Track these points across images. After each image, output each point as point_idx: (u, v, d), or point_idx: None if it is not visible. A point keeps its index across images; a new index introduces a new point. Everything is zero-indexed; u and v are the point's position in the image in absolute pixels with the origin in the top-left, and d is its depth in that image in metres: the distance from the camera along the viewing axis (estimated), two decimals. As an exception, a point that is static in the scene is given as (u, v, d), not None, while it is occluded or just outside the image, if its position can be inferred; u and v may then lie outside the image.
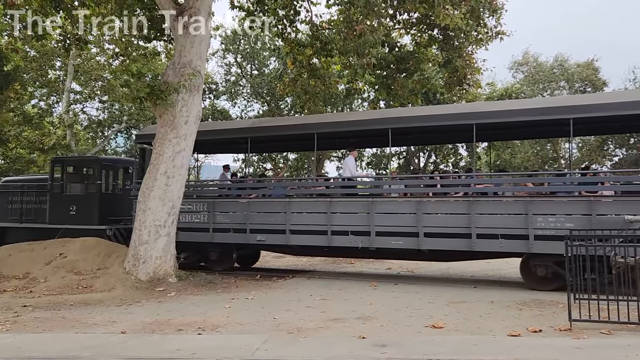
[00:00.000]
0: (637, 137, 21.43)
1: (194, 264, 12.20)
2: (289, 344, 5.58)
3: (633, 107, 8.83)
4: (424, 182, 11.50)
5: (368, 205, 10.32)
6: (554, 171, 16.46)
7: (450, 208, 9.77)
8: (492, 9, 12.89)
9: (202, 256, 12.22)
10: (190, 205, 11.92)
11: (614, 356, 4.81)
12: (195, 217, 11.91)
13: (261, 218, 11.27)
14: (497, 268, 12.32)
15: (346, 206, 10.60)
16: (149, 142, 13.05)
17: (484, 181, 10.61)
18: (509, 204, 9.42)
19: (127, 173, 14.82)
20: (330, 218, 10.56)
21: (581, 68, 23.57)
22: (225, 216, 11.66)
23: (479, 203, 9.53)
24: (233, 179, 15.04)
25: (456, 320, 6.67)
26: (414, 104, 15.85)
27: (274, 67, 23.04)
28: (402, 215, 10.05)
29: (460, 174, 12.61)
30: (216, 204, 11.80)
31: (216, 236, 11.66)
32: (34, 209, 14.16)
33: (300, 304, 7.98)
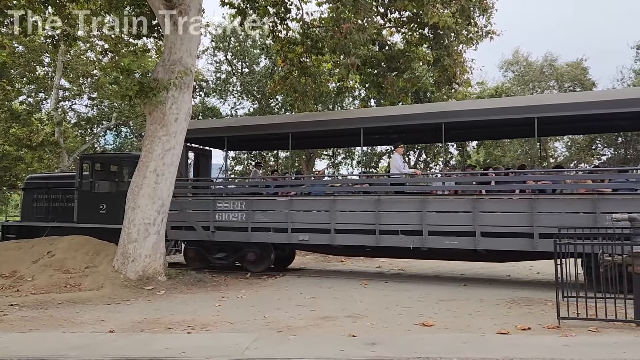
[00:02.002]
0: (625, 137, 21.64)
1: (229, 265, 11.94)
2: (279, 342, 5.57)
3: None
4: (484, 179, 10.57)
5: (420, 203, 9.90)
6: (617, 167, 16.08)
7: (509, 206, 9.34)
8: (482, 8, 12.97)
9: (239, 257, 11.80)
10: (227, 203, 11.60)
11: (601, 354, 4.84)
12: (233, 216, 11.51)
13: (304, 217, 10.87)
14: (486, 266, 12.38)
15: (396, 204, 10.17)
16: None
17: (543, 177, 10.22)
18: (574, 201, 8.94)
19: None
20: (379, 217, 10.16)
21: (570, 68, 23.76)
22: (264, 215, 11.25)
23: (542, 201, 9.10)
24: (274, 175, 14.99)
25: (446, 318, 6.69)
26: (404, 102, 15.89)
27: (265, 65, 22.97)
28: (457, 214, 9.63)
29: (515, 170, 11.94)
30: (255, 202, 11.40)
31: (254, 236, 11.29)
32: (60, 207, 13.80)
33: (290, 302, 7.96)
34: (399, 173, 10.83)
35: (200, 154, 13.84)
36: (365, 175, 15.05)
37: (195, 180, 13.33)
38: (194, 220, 11.70)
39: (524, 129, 11.24)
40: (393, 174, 10.98)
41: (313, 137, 13.29)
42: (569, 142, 24.76)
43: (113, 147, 26.03)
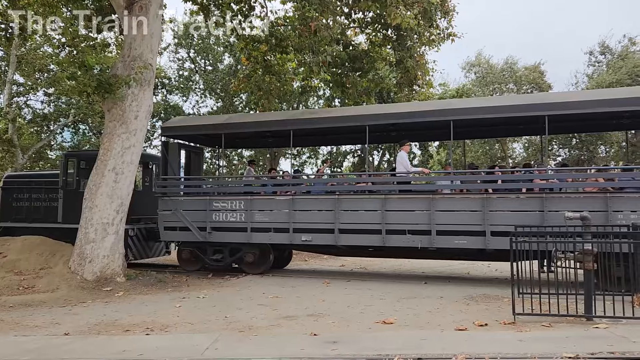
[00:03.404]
0: (579, 138, 22.43)
1: (226, 267, 11.59)
2: (240, 342, 5.53)
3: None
4: (497, 178, 10.38)
5: (428, 202, 9.71)
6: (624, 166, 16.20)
7: (518, 205, 9.26)
8: (444, 11, 13.20)
9: (237, 258, 11.42)
10: (225, 203, 11.23)
11: (552, 348, 5.00)
12: (231, 216, 11.15)
13: (307, 217, 10.57)
14: (446, 264, 12.63)
15: (403, 204, 9.95)
16: (175, 136, 12.61)
17: (552, 176, 10.07)
18: (585, 199, 8.90)
19: (146, 169, 14.11)
20: (385, 216, 9.94)
21: (528, 71, 24.47)
22: (265, 215, 10.90)
23: (553, 199, 9.02)
24: (272, 173, 14.69)
25: (406, 315, 6.79)
26: (367, 103, 16.02)
27: (228, 63, 22.74)
28: (466, 213, 9.48)
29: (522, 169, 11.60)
30: (255, 202, 11.04)
31: (254, 236, 10.95)
32: (43, 207, 13.12)
33: (252, 302, 7.92)
34: (406, 172, 10.60)
35: (192, 152, 13.45)
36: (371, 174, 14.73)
37: (191, 179, 12.90)
38: (189, 221, 11.34)
39: (532, 127, 11.18)
40: (400, 173, 10.65)
41: (315, 135, 13.00)
42: (526, 143, 25.47)
43: (70, 145, 25.23)
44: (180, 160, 12.79)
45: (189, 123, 13.22)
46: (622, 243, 6.80)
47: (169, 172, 11.97)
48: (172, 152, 12.18)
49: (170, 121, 14.07)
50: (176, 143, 12.49)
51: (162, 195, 11.64)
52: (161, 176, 12.03)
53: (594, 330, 5.81)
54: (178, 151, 12.51)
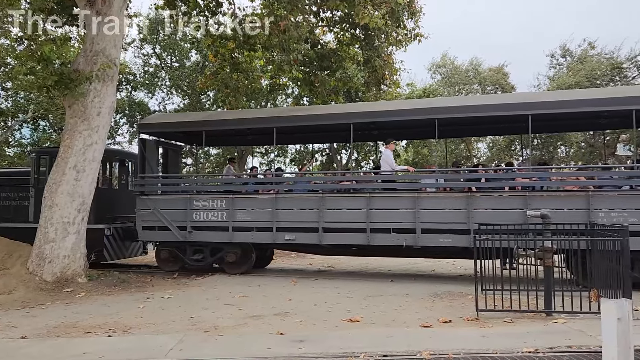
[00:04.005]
0: (540, 139, 23.03)
1: (206, 267, 11.33)
2: (205, 342, 5.46)
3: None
4: (480, 176, 10.60)
5: (413, 200, 9.69)
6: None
7: (502, 203, 9.30)
8: (411, 11, 13.34)
9: (218, 258, 11.18)
10: (206, 202, 11.00)
11: (513, 343, 5.13)
12: (212, 215, 10.90)
13: (290, 215, 10.42)
14: (412, 262, 12.79)
15: (388, 202, 9.89)
16: (153, 133, 12.28)
17: (534, 174, 10.17)
18: (567, 198, 9.07)
19: (122, 166, 13.66)
20: (370, 215, 9.86)
21: (492, 72, 25.03)
22: (247, 214, 10.70)
23: (535, 198, 9.09)
24: (253, 172, 14.42)
25: (372, 313, 6.84)
26: (336, 101, 16.07)
27: (195, 60, 22.43)
28: (451, 211, 9.48)
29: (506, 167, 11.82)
30: (237, 201, 10.83)
31: (236, 236, 10.74)
32: (12, 206, 12.56)
33: (218, 301, 7.84)
34: (391, 170, 10.53)
35: (170, 149, 13.15)
36: (356, 172, 14.61)
37: (170, 177, 12.57)
38: (168, 220, 11.08)
39: (516, 125, 11.30)
40: (385, 171, 10.58)
41: (300, 132, 12.89)
42: (490, 142, 26.04)
43: (30, 142, 24.41)
44: (159, 158, 12.56)
45: (168, 120, 12.97)
46: (580, 240, 7.03)
47: (147, 170, 11.68)
48: (150, 150, 11.91)
49: (148, 118, 13.78)
50: (154, 140, 12.24)
51: (140, 193, 11.36)
52: (139, 174, 11.71)
53: (553, 325, 5.99)
54: (156, 149, 12.26)
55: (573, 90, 15.99)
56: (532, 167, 10.78)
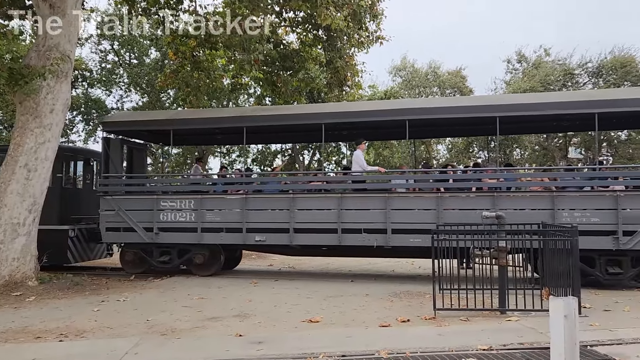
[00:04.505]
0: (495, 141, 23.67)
1: (173, 269, 11.02)
2: (162, 345, 5.36)
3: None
4: (450, 177, 10.72)
5: (384, 201, 9.71)
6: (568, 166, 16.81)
7: (471, 203, 9.41)
8: (373, 14, 13.46)
9: (185, 260, 10.92)
10: (174, 202, 10.71)
11: (469, 341, 5.25)
12: (180, 216, 10.65)
13: (260, 216, 10.30)
14: (373, 262, 12.92)
15: (359, 202, 9.89)
16: (117, 131, 11.87)
17: (501, 175, 10.43)
18: (533, 198, 9.27)
19: (87, 166, 13.08)
20: (341, 215, 9.84)
21: (451, 76, 25.59)
22: (216, 214, 10.53)
23: (502, 198, 9.27)
24: (222, 172, 14.05)
25: (332, 314, 6.87)
26: (298, 102, 16.06)
27: (155, 57, 21.97)
28: (421, 212, 9.55)
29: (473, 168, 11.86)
30: (206, 201, 10.64)
31: (205, 237, 10.54)
32: None
33: (176, 304, 7.70)
34: (361, 170, 10.50)
35: (134, 148, 12.76)
36: (327, 172, 14.51)
37: (136, 177, 12.18)
38: (134, 221, 10.79)
39: (485, 127, 11.42)
40: (355, 171, 10.56)
41: (270, 132, 12.72)
42: (449, 145, 26.60)
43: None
44: (123, 157, 12.20)
45: (134, 118, 12.64)
46: (532, 240, 7.26)
47: (111, 169, 11.34)
48: (114, 149, 11.57)
49: (113, 116, 13.37)
50: (119, 139, 11.90)
51: (103, 194, 11.02)
52: (102, 174, 11.35)
53: (506, 323, 6.16)
54: (120, 147, 11.93)
55: (539, 94, 16.55)
56: (499, 168, 11.03)
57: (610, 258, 8.86)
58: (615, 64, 21.70)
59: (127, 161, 12.52)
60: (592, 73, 22.58)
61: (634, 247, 8.57)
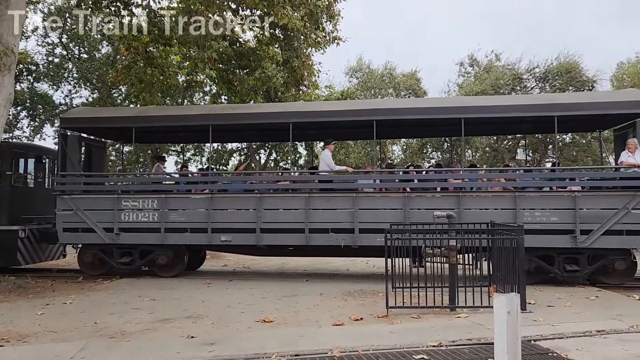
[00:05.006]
0: (449, 142, 24.30)
1: (135, 271, 10.68)
2: (110, 349, 5.21)
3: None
4: (414, 177, 10.82)
5: (351, 201, 9.74)
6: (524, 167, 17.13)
7: (436, 203, 9.50)
8: (329, 14, 13.52)
9: (148, 261, 10.63)
10: (136, 202, 10.36)
11: (419, 338, 5.37)
12: (143, 216, 10.34)
13: (226, 216, 10.15)
14: (328, 261, 12.98)
15: (326, 202, 9.86)
16: (75, 128, 11.35)
17: (465, 176, 10.56)
18: (496, 198, 9.52)
19: (39, 163, 12.40)
20: (309, 215, 9.80)
21: (406, 78, 26.01)
22: (181, 214, 10.28)
23: (466, 198, 9.47)
24: (183, 171, 13.58)
25: (286, 313, 6.87)
26: (255, 101, 15.95)
27: (106, 52, 21.31)
28: (388, 211, 9.61)
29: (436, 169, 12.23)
30: (170, 201, 10.38)
31: (169, 237, 10.26)
32: None
33: (126, 306, 7.50)
34: (329, 170, 10.50)
35: (93, 146, 12.25)
36: (296, 172, 14.28)
37: (95, 176, 11.74)
38: (93, 221, 10.38)
39: (450, 128, 11.60)
40: (323, 171, 10.56)
41: (236, 131, 12.55)
42: (404, 145, 27.04)
43: None
44: (81, 154, 11.74)
45: (94, 115, 12.18)
46: (481, 239, 7.49)
47: (68, 167, 10.88)
48: (71, 146, 11.12)
49: (71, 112, 12.86)
50: (76, 136, 11.46)
51: (60, 193, 10.58)
52: (60, 172, 10.88)
53: (456, 319, 6.33)
54: (79, 145, 11.48)
55: (503, 96, 17.08)
56: (463, 169, 11.28)
57: (568, 256, 9.23)
58: (560, 69, 22.63)
59: (85, 159, 12.08)
60: (539, 78, 23.47)
61: (590, 245, 8.96)
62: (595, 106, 9.69)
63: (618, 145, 10.62)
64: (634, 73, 33.40)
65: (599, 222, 8.92)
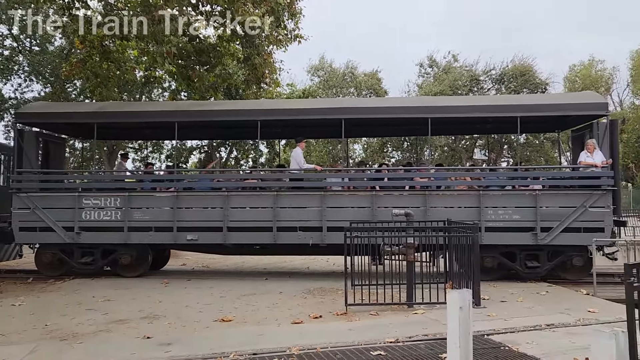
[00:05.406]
0: (409, 141, 24.69)
1: (97, 271, 10.27)
2: (61, 352, 5.05)
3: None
4: (384, 176, 10.91)
5: (320, 199, 9.71)
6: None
7: (404, 201, 9.54)
8: (291, 12, 13.49)
9: (110, 261, 10.30)
10: (98, 200, 9.97)
11: (377, 334, 5.43)
12: (105, 215, 10.01)
13: (193, 215, 9.96)
14: (288, 260, 12.97)
15: (294, 200, 9.82)
16: (33, 123, 10.85)
17: (432, 175, 10.71)
18: (461, 196, 9.69)
19: None
20: (277, 213, 9.72)
21: (367, 77, 26.30)
22: (145, 213, 10.02)
23: (432, 196, 9.59)
24: (148, 169, 13.06)
25: (245, 312, 6.83)
26: (215, 98, 15.75)
27: (60, 45, 20.57)
28: (355, 210, 9.65)
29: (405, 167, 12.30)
30: (133, 199, 10.07)
31: (133, 236, 9.97)
32: None
33: (80, 307, 7.29)
34: (299, 168, 10.41)
35: (51, 142, 11.71)
36: (264, 170, 14.20)
37: (55, 173, 11.22)
38: (52, 220, 9.97)
39: (417, 127, 11.67)
40: (292, 169, 10.51)
41: (203, 128, 12.28)
42: (365, 144, 27.31)
43: None
44: (39, 151, 11.23)
45: (53, 110, 11.70)
46: (438, 237, 7.64)
47: (25, 164, 10.43)
48: (28, 142, 10.66)
49: (28, 107, 12.33)
50: (34, 132, 11.01)
51: (17, 190, 10.14)
52: (16, 169, 10.40)
53: (413, 316, 6.45)
54: (36, 141, 11.00)
55: (469, 97, 17.43)
56: (430, 167, 11.46)
57: (529, 253, 9.52)
58: (515, 72, 23.36)
59: (43, 155, 11.57)
60: (496, 80, 24.16)
61: (550, 242, 9.28)
62: (556, 108, 10.08)
63: (576, 146, 11.04)
64: (585, 75, 34.88)
65: (558, 219, 9.26)
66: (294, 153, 10.71)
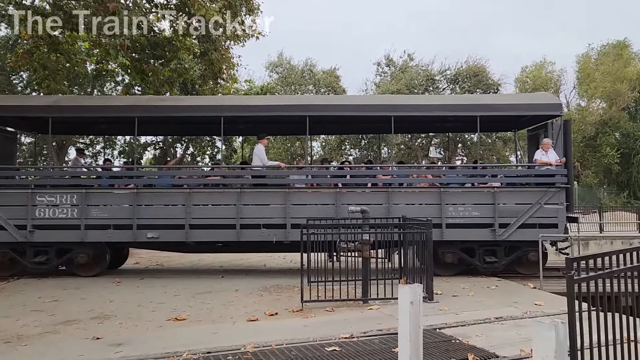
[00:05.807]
0: (366, 139, 24.93)
1: (51, 271, 9.82)
2: (4, 354, 4.84)
3: None
4: (347, 173, 10.96)
5: (283, 196, 9.65)
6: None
7: (367, 198, 9.66)
8: (249, 7, 13.35)
9: (66, 260, 9.88)
10: (52, 197, 9.53)
11: (333, 331, 5.48)
12: (60, 212, 9.63)
13: (153, 212, 9.73)
14: (245, 257, 12.89)
15: (258, 198, 9.73)
16: None
17: (394, 172, 10.93)
18: (423, 193, 9.85)
19: None
20: (240, 210, 9.59)
21: (326, 75, 26.37)
22: (103, 210, 9.71)
23: (395, 193, 9.73)
24: (106, 165, 12.44)
25: (200, 311, 6.74)
26: (170, 93, 15.43)
27: (5, 35, 19.65)
28: (319, 207, 9.62)
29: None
30: (91, 196, 9.72)
31: (90, 234, 9.63)
32: None
33: (25, 308, 7.01)
34: (262, 165, 10.34)
35: (1, 136, 11.12)
36: (227, 167, 13.82)
37: (5, 169, 10.59)
38: (3, 218, 9.51)
39: (380, 125, 11.71)
40: (255, 166, 10.41)
41: (164, 123, 11.95)
42: (323, 142, 27.40)
43: None
44: None
45: (4, 103, 11.17)
46: (393, 233, 7.76)
47: None
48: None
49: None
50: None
51: None
52: None
53: (368, 311, 6.53)
54: None
55: (431, 96, 17.71)
56: (392, 165, 11.61)
57: (488, 248, 9.81)
58: (469, 72, 23.97)
59: None
60: (450, 80, 24.72)
61: (507, 238, 9.59)
62: (514, 108, 10.48)
63: (531, 145, 11.44)
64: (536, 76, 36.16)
65: (515, 216, 9.60)
66: (257, 150, 10.64)
